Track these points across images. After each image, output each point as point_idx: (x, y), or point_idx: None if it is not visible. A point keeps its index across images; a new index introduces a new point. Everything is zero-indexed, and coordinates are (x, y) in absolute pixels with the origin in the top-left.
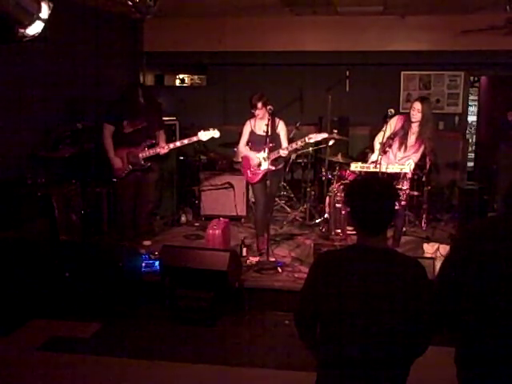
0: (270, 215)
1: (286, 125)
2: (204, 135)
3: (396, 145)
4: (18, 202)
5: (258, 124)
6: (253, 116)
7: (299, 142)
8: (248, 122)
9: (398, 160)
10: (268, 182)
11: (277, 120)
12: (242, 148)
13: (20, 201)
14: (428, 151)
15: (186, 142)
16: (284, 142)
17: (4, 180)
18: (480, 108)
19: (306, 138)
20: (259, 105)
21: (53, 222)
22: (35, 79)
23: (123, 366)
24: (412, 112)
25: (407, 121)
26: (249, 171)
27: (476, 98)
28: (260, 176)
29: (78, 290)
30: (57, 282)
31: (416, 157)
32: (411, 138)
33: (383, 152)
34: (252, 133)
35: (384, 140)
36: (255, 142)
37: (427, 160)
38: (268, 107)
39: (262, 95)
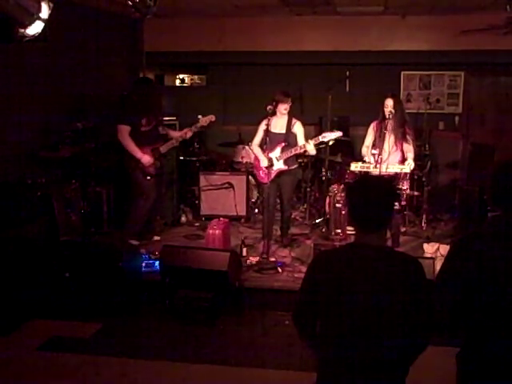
0: (288, 220)
1: None
2: (204, 121)
3: (378, 150)
4: (17, 201)
5: (275, 122)
6: (270, 115)
7: (313, 142)
8: (264, 121)
9: (390, 162)
10: (280, 182)
11: (293, 120)
12: (255, 147)
13: (20, 201)
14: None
15: (194, 129)
16: (301, 141)
17: (4, 180)
18: None
19: (320, 137)
20: (289, 100)
21: (53, 222)
22: (35, 79)
23: (123, 366)
24: (385, 109)
25: (382, 122)
26: (261, 171)
27: None
28: (272, 176)
29: (78, 289)
30: (57, 281)
31: (411, 152)
32: (391, 138)
33: (378, 162)
34: (267, 131)
35: (370, 150)
36: (270, 141)
37: (411, 145)
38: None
39: (288, 91)
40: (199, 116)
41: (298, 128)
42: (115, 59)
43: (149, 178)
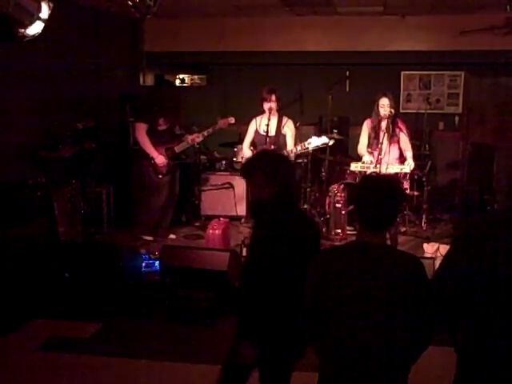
0: None
1: None
2: (222, 123)
3: (377, 151)
4: (18, 202)
5: (265, 122)
6: (260, 114)
7: (299, 148)
8: (253, 121)
9: (389, 161)
10: None
11: (284, 119)
12: (246, 149)
13: (20, 201)
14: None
15: (211, 130)
16: (289, 145)
17: (4, 180)
18: None
19: (306, 143)
20: (273, 97)
21: (53, 223)
22: (35, 79)
23: (123, 366)
24: (381, 109)
25: (375, 121)
26: None
27: None
28: None
29: (78, 290)
30: (57, 281)
31: (409, 150)
32: (384, 137)
33: (378, 162)
34: (257, 132)
35: (367, 146)
36: (259, 142)
37: (407, 136)
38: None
39: (274, 88)
40: (218, 118)
41: (289, 128)
42: (115, 59)
43: (160, 176)
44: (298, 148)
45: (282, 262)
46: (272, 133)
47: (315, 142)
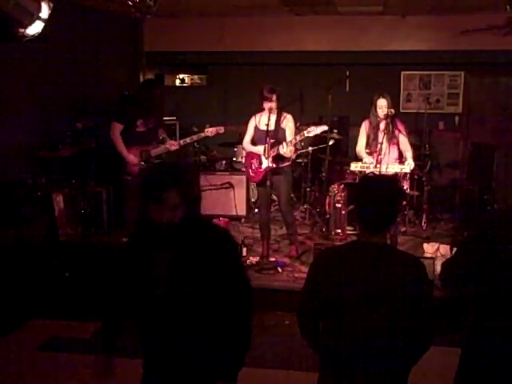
0: (291, 226)
1: None
2: (210, 131)
3: (376, 152)
4: (17, 202)
5: (264, 119)
6: (259, 111)
7: (298, 137)
8: (253, 118)
9: (388, 161)
10: (268, 182)
11: (283, 114)
12: (246, 145)
13: (20, 201)
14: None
15: (195, 138)
16: (289, 138)
17: (4, 180)
18: None
19: (305, 132)
20: (274, 97)
21: (53, 223)
22: (35, 79)
23: (123, 366)
24: (379, 110)
25: (374, 122)
26: (250, 170)
27: None
28: (261, 175)
29: (78, 290)
30: (57, 282)
31: (409, 150)
32: (385, 137)
33: (378, 162)
34: (256, 128)
35: (365, 147)
36: (258, 138)
37: (405, 136)
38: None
39: (274, 87)
40: (207, 126)
41: (288, 123)
42: (115, 59)
43: (129, 178)
44: (298, 138)
45: (206, 286)
46: (271, 127)
47: (314, 130)
